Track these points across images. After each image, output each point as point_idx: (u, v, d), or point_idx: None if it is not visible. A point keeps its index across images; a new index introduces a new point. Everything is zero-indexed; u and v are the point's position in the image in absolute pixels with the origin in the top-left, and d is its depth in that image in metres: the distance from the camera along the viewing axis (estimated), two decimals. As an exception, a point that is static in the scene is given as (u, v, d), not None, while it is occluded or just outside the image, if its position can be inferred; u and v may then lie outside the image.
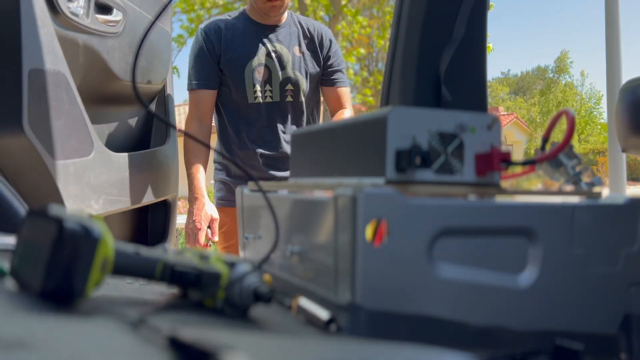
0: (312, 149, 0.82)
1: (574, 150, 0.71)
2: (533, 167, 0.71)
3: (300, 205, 0.70)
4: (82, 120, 1.60)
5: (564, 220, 0.63)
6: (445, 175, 0.63)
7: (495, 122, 0.65)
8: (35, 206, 0.54)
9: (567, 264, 0.64)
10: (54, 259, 0.46)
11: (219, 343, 0.35)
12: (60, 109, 1.50)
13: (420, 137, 0.62)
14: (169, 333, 0.38)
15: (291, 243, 0.71)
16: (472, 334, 0.59)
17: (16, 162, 1.43)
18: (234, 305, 0.56)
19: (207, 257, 0.59)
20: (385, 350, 0.42)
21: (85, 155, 1.62)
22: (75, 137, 1.57)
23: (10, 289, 0.51)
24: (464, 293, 0.59)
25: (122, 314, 0.48)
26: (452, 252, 0.59)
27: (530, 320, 0.62)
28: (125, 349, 0.37)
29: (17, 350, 0.31)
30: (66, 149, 1.53)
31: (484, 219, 0.61)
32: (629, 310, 0.66)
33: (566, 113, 0.67)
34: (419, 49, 1.14)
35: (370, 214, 0.56)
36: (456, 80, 1.13)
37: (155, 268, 0.55)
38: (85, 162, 1.61)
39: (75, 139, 1.57)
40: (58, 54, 1.49)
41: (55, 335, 0.36)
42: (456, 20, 1.13)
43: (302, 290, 0.67)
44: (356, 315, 0.56)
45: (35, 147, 1.39)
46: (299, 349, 0.42)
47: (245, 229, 0.89)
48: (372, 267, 0.56)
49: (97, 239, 0.48)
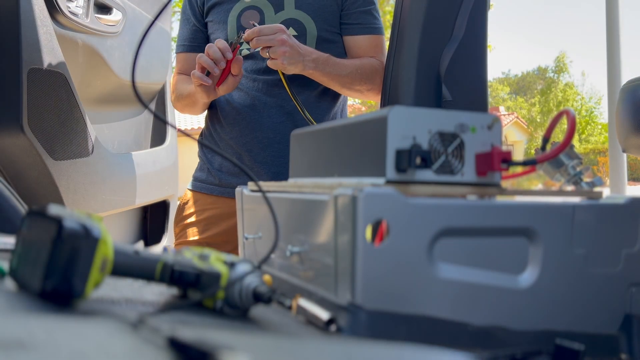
0: (312, 149, 0.82)
1: (574, 150, 0.71)
2: (534, 167, 0.71)
3: (300, 205, 0.70)
4: (82, 120, 1.60)
5: (564, 220, 0.63)
6: (445, 175, 0.63)
7: (496, 122, 0.65)
8: (34, 206, 0.54)
9: (567, 264, 0.64)
10: (53, 258, 0.46)
11: (218, 343, 0.35)
12: (60, 109, 1.50)
13: (420, 137, 0.62)
14: (169, 333, 0.38)
15: (291, 243, 0.71)
16: (472, 334, 0.59)
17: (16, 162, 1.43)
18: (233, 305, 0.56)
19: (207, 257, 0.59)
20: (385, 351, 0.42)
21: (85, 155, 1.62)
22: (75, 137, 1.57)
23: (10, 289, 0.51)
24: (464, 293, 0.59)
25: (121, 314, 0.48)
26: (452, 252, 0.59)
27: (530, 321, 0.62)
28: (125, 349, 0.36)
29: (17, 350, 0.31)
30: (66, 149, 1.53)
31: (484, 219, 0.61)
32: (629, 311, 0.66)
33: (567, 113, 0.67)
34: (419, 49, 1.14)
35: (370, 214, 0.56)
36: (456, 80, 1.13)
37: (154, 268, 0.55)
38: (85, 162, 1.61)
39: (75, 139, 1.57)
40: (57, 53, 1.49)
41: (54, 336, 0.36)
42: (456, 20, 1.13)
43: (302, 290, 0.67)
44: (356, 315, 0.56)
45: (35, 147, 1.39)
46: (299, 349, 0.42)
47: (245, 229, 0.89)
48: (372, 267, 0.56)
49: (96, 239, 0.48)
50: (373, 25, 1.48)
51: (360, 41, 1.47)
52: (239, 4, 1.45)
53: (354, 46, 1.47)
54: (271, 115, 1.45)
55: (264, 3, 1.44)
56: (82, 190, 1.61)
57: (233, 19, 1.45)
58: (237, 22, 1.45)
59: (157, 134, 2.23)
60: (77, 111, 1.57)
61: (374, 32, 1.48)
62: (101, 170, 1.71)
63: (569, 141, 0.66)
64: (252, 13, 1.44)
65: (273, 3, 1.43)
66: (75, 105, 1.56)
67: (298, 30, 1.42)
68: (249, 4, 1.44)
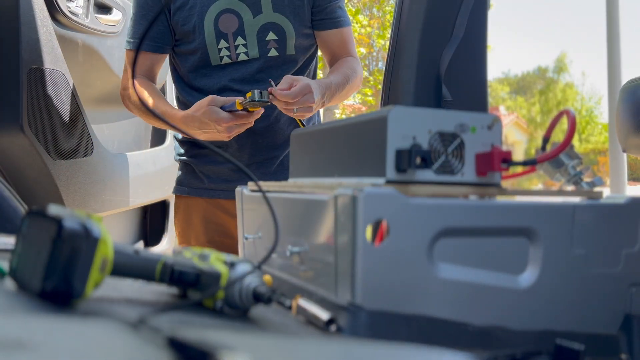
0: (311, 149, 0.82)
1: (575, 150, 0.71)
2: (534, 167, 0.71)
3: (300, 205, 0.70)
4: (82, 120, 1.60)
5: (564, 220, 0.63)
6: (445, 175, 0.63)
7: (496, 122, 0.65)
8: (34, 206, 0.54)
9: (567, 264, 0.64)
10: (53, 259, 0.46)
11: (218, 343, 0.35)
12: (60, 108, 1.50)
13: (420, 137, 0.62)
14: (169, 333, 0.38)
15: (291, 243, 0.71)
16: (473, 334, 0.59)
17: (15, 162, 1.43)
18: (233, 305, 0.56)
19: (207, 257, 0.59)
20: (385, 350, 0.42)
21: (85, 155, 1.62)
22: (75, 137, 1.57)
23: (10, 289, 0.51)
24: (464, 293, 0.59)
25: (121, 314, 0.48)
26: (452, 252, 0.59)
27: (530, 321, 0.62)
28: (125, 349, 0.36)
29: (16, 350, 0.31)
30: (66, 149, 1.53)
31: (484, 219, 0.61)
32: (629, 311, 0.66)
33: (567, 113, 0.67)
34: (419, 49, 1.14)
35: (370, 214, 0.56)
36: (456, 80, 1.13)
37: (154, 268, 0.55)
38: (85, 162, 1.61)
39: (75, 139, 1.57)
40: (57, 53, 1.49)
41: (54, 336, 0.36)
42: (456, 20, 1.13)
43: (302, 290, 0.67)
44: (356, 315, 0.56)
45: (35, 146, 1.39)
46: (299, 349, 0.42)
47: (245, 229, 0.89)
48: (372, 267, 0.56)
49: (96, 239, 0.48)
50: (342, 19, 1.50)
51: (332, 35, 1.49)
52: (214, 7, 1.37)
53: (327, 40, 1.49)
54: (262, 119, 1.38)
55: (240, 7, 1.38)
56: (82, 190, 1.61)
57: (210, 24, 1.38)
58: (215, 27, 1.38)
59: (157, 134, 2.23)
60: (77, 111, 1.57)
61: (343, 25, 1.50)
62: (101, 170, 1.71)
63: (569, 141, 0.66)
64: (230, 17, 1.38)
65: (250, 6, 1.39)
66: (75, 105, 1.56)
67: (278, 34, 1.41)
68: (225, 8, 1.38)
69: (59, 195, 1.50)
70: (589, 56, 63.47)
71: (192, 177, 1.51)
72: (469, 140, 0.64)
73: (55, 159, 1.48)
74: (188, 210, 1.52)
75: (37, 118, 1.41)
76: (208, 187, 1.49)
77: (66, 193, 1.52)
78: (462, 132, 0.63)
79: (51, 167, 1.46)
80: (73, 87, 1.55)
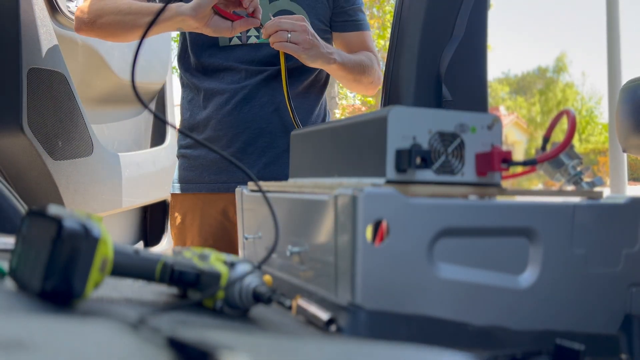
0: (312, 149, 0.82)
1: (575, 150, 0.71)
2: (534, 167, 0.71)
3: (300, 205, 0.70)
4: (81, 120, 1.60)
5: (564, 220, 0.63)
6: (445, 175, 0.63)
7: (496, 122, 0.65)
8: (34, 206, 0.54)
9: (567, 264, 0.64)
10: (53, 258, 0.46)
11: (218, 343, 0.35)
12: (60, 109, 1.50)
13: (420, 137, 0.62)
14: (169, 333, 0.38)
15: (291, 243, 0.71)
16: (473, 334, 0.59)
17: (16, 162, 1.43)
18: (233, 305, 0.56)
19: (207, 257, 0.59)
20: (385, 351, 0.42)
21: (85, 155, 1.62)
22: (75, 137, 1.57)
23: (10, 289, 0.51)
24: (464, 293, 0.59)
25: (121, 314, 0.48)
26: (452, 252, 0.59)
27: (530, 321, 0.62)
28: (125, 349, 0.36)
29: (16, 350, 0.31)
30: (66, 149, 1.53)
31: (484, 219, 0.61)
32: (629, 311, 0.66)
33: (567, 113, 0.67)
34: (419, 49, 1.14)
35: (370, 214, 0.56)
36: (456, 80, 1.12)
37: (154, 268, 0.55)
38: (85, 162, 1.61)
39: (75, 139, 1.57)
40: (57, 53, 1.49)
41: (54, 336, 0.36)
42: (456, 20, 1.13)
43: (302, 290, 0.67)
44: (356, 315, 0.56)
45: (35, 147, 1.39)
46: (299, 349, 0.42)
47: (245, 229, 0.89)
48: (372, 267, 0.56)
49: (96, 239, 0.48)
50: (363, 22, 1.49)
51: (353, 37, 1.48)
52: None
53: (347, 42, 1.48)
54: (263, 106, 1.38)
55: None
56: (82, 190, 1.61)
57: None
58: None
59: (157, 134, 2.23)
60: (77, 111, 1.57)
61: (364, 29, 1.50)
62: (101, 170, 1.71)
63: (569, 141, 0.66)
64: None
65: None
66: (75, 105, 1.56)
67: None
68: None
69: (58, 195, 1.50)
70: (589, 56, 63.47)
71: (189, 171, 1.45)
72: (469, 140, 0.64)
73: (55, 159, 1.48)
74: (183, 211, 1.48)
75: (37, 118, 1.41)
76: (207, 180, 1.42)
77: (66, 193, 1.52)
78: (462, 132, 0.63)
79: (51, 167, 1.46)
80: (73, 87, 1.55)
